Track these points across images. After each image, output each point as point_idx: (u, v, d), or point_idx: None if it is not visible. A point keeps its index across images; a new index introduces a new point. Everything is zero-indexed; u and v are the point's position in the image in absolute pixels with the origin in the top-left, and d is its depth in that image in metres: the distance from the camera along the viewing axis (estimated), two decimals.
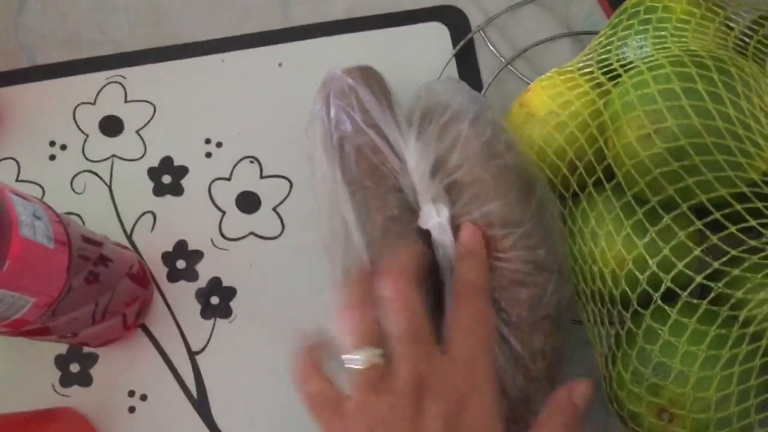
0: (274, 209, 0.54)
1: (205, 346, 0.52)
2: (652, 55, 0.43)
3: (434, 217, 0.43)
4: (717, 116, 0.38)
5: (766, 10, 0.48)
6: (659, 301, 0.41)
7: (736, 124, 0.38)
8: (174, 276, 0.53)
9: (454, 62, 0.57)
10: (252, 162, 0.55)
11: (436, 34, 0.58)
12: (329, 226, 0.44)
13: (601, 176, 0.44)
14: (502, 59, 0.57)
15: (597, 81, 0.46)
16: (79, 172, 0.55)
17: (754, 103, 0.39)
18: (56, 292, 0.36)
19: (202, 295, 0.52)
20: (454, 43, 0.58)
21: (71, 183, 0.55)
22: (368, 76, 0.47)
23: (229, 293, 0.52)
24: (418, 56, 0.57)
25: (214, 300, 0.52)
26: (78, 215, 0.54)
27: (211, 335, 0.52)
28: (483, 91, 0.56)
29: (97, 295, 0.42)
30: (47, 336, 0.43)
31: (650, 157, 0.40)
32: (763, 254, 0.39)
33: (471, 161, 0.43)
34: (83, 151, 0.55)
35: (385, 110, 0.46)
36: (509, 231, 0.42)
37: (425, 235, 0.43)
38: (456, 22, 0.58)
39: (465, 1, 0.59)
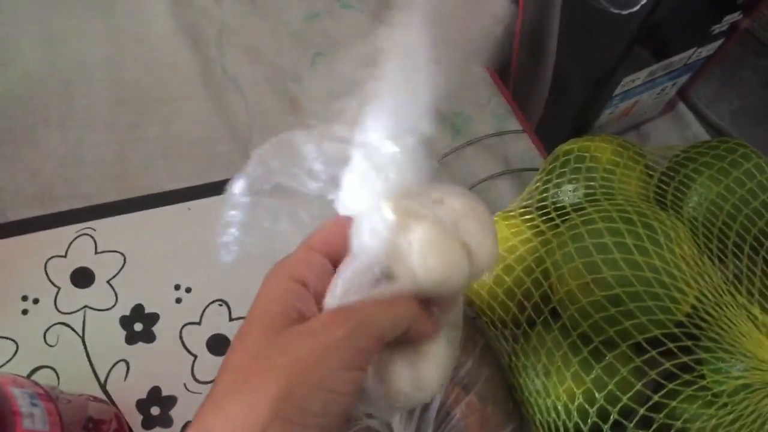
0: None
1: None
2: (585, 207, 0.49)
3: None
4: (645, 267, 0.43)
5: (679, 152, 0.55)
6: None
7: (662, 273, 0.43)
8: (149, 423, 0.54)
9: None
10: (221, 305, 0.58)
11: None
12: None
13: (548, 317, 0.48)
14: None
15: (538, 228, 0.51)
16: (52, 325, 0.57)
17: (676, 253, 0.44)
18: None
19: None
20: None
21: (44, 336, 0.56)
22: None
23: None
24: None
25: None
26: (52, 368, 0.55)
27: None
28: None
29: None
30: None
31: (590, 303, 0.45)
32: (695, 386, 0.44)
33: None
34: (55, 303, 0.57)
35: None
36: None
37: None
38: None
39: None
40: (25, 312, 0.57)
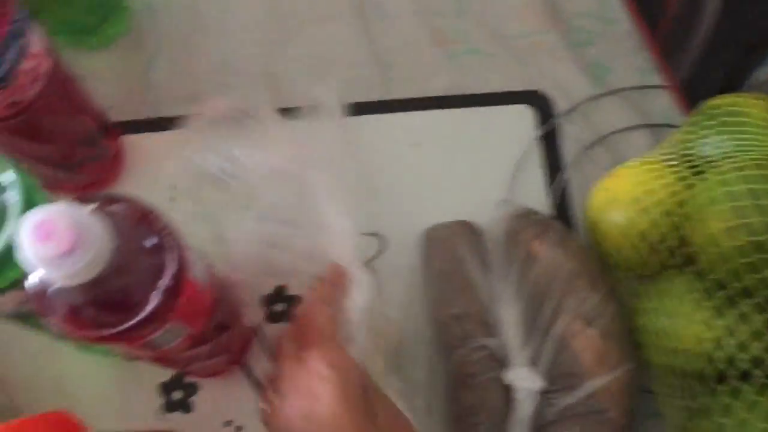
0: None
1: None
2: (735, 156, 0.48)
3: (527, 382, 0.49)
4: None
5: None
6: (737, 381, 0.45)
7: None
8: (274, 318, 0.58)
9: (536, 144, 0.62)
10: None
11: (523, 116, 0.64)
12: None
13: (681, 261, 0.48)
14: (582, 144, 0.62)
15: (681, 174, 0.51)
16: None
17: None
18: (204, 326, 0.41)
19: None
20: (539, 125, 0.63)
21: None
22: (465, 232, 0.57)
23: None
24: (504, 135, 0.63)
25: None
26: None
27: None
28: (564, 174, 0.61)
29: (222, 330, 0.47)
30: (169, 365, 0.48)
31: (733, 248, 0.44)
32: None
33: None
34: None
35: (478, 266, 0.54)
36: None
37: (503, 387, 0.50)
38: (542, 106, 0.64)
39: (551, 87, 0.64)
40: (172, 200, 0.61)
